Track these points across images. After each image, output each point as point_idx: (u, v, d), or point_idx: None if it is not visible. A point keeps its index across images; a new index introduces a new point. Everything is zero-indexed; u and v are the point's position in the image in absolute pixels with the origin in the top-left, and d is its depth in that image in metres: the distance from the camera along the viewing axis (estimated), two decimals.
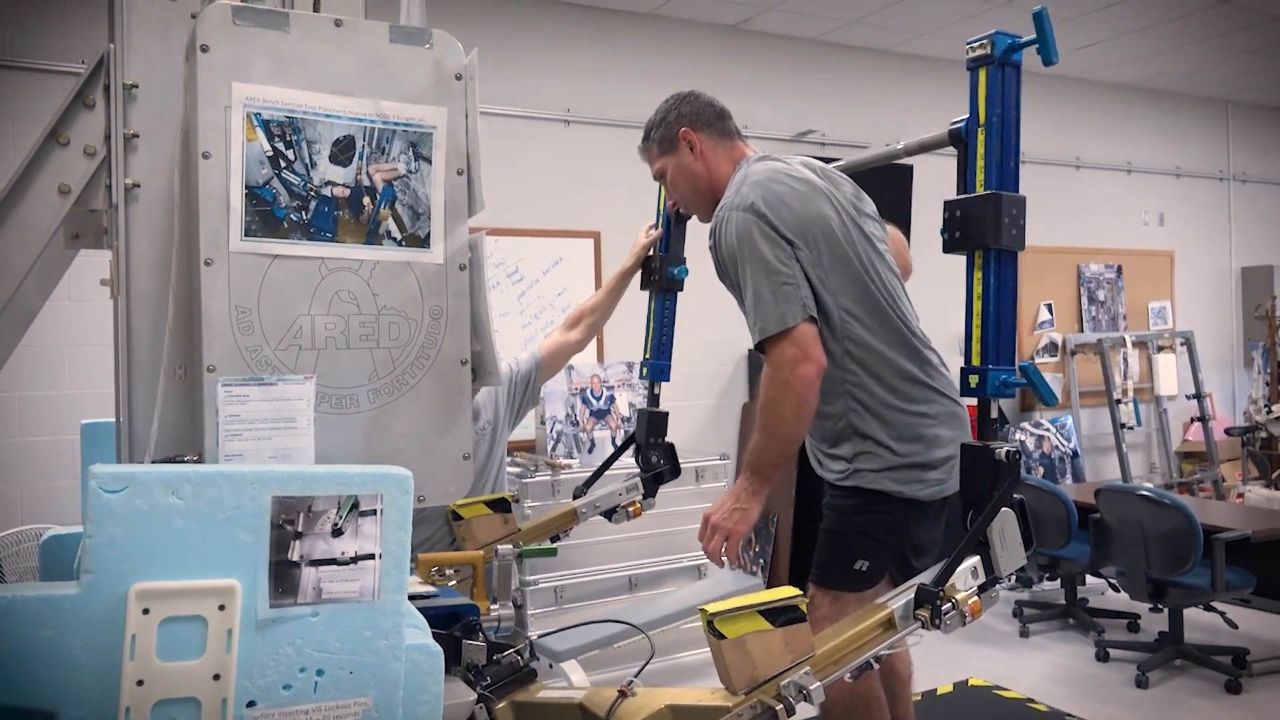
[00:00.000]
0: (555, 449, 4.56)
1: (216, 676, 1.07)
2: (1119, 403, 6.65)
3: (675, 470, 2.64)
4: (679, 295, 2.75)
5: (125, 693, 1.04)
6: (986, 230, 1.69)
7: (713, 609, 1.42)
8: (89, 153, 1.46)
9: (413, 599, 1.43)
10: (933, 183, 5.56)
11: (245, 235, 1.36)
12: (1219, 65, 6.79)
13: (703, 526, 2.11)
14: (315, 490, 1.14)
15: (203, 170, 1.34)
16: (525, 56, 5.08)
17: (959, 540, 1.67)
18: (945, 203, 1.75)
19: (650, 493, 2.61)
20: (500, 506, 2.36)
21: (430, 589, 1.71)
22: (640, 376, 2.77)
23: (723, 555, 2.10)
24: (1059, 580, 5.01)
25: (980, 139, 1.72)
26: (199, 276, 1.34)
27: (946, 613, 1.60)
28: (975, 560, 1.65)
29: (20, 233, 1.45)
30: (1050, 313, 6.82)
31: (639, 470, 2.64)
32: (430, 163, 1.47)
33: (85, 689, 1.05)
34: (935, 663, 4.18)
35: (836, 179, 2.28)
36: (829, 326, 2.11)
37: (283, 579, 1.12)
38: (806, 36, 5.84)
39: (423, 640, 1.22)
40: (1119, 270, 7.14)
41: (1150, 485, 4.76)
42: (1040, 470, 6.31)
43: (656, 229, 2.73)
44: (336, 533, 1.14)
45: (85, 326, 3.88)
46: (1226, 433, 6.87)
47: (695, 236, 2.60)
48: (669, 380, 2.73)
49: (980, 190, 1.71)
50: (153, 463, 1.34)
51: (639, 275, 2.78)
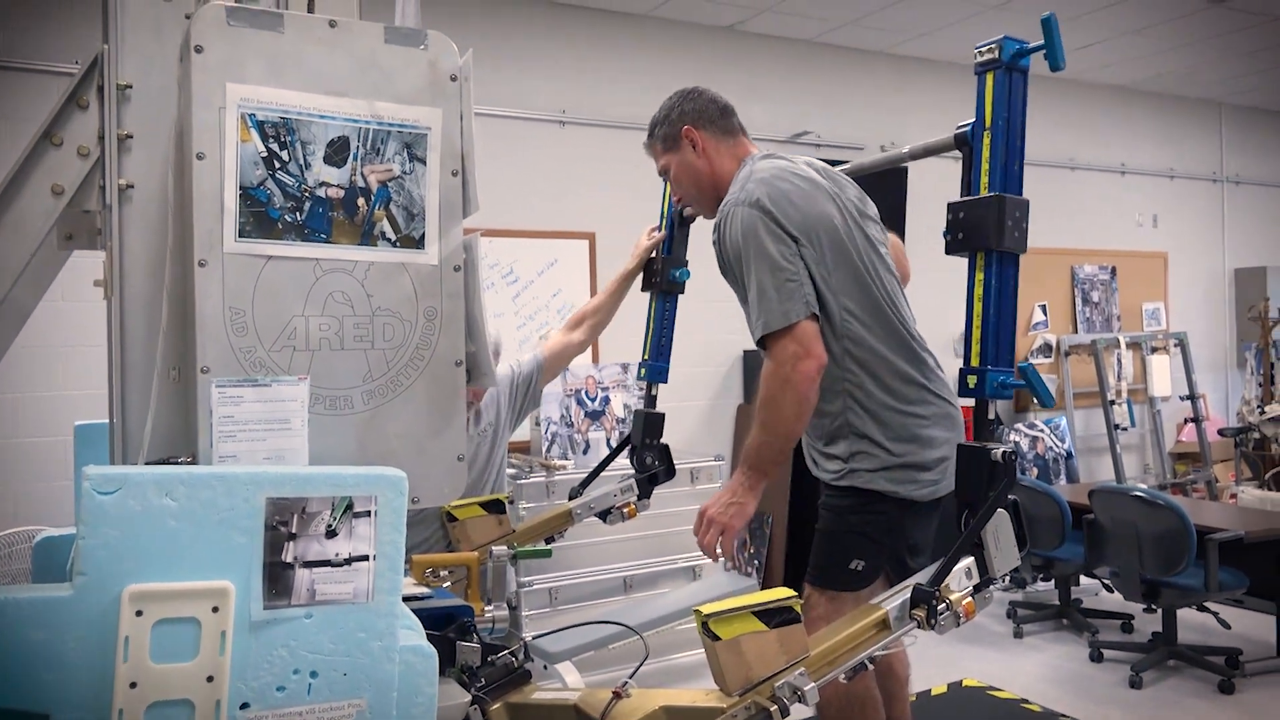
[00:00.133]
0: (550, 450, 4.56)
1: (210, 678, 1.07)
2: (1113, 404, 6.67)
3: (670, 471, 2.64)
4: (679, 297, 2.75)
5: (118, 695, 1.04)
6: (989, 232, 1.69)
7: (707, 610, 1.42)
8: (83, 153, 1.46)
9: (407, 600, 1.43)
10: (930, 185, 5.58)
11: (239, 236, 1.36)
12: (1213, 68, 6.82)
13: (698, 521, 2.11)
14: (309, 491, 1.14)
15: (197, 171, 1.34)
16: (521, 57, 5.08)
17: (953, 540, 1.67)
18: (949, 204, 1.75)
19: (645, 494, 2.61)
20: (495, 508, 2.36)
21: (425, 590, 1.71)
22: (638, 377, 2.77)
23: (718, 550, 2.10)
24: (1053, 581, 5.02)
25: (986, 142, 1.73)
26: (193, 277, 1.34)
27: (941, 613, 1.61)
28: (970, 561, 1.66)
29: (13, 233, 1.45)
30: (1045, 314, 6.84)
31: (634, 471, 2.64)
32: (425, 164, 1.47)
33: (78, 691, 1.05)
34: (929, 663, 4.19)
35: (840, 181, 2.29)
36: (829, 325, 2.11)
37: (277, 580, 1.12)
38: (802, 38, 5.84)
39: (417, 642, 1.22)
40: (1113, 271, 7.16)
41: (1144, 486, 4.77)
42: (1034, 471, 6.32)
43: (660, 231, 2.73)
44: (330, 534, 1.14)
45: (79, 328, 3.87)
46: (1220, 434, 6.89)
47: (698, 240, 2.60)
48: (666, 382, 2.73)
49: (984, 193, 1.71)
50: (146, 464, 1.34)
51: (640, 277, 2.78)
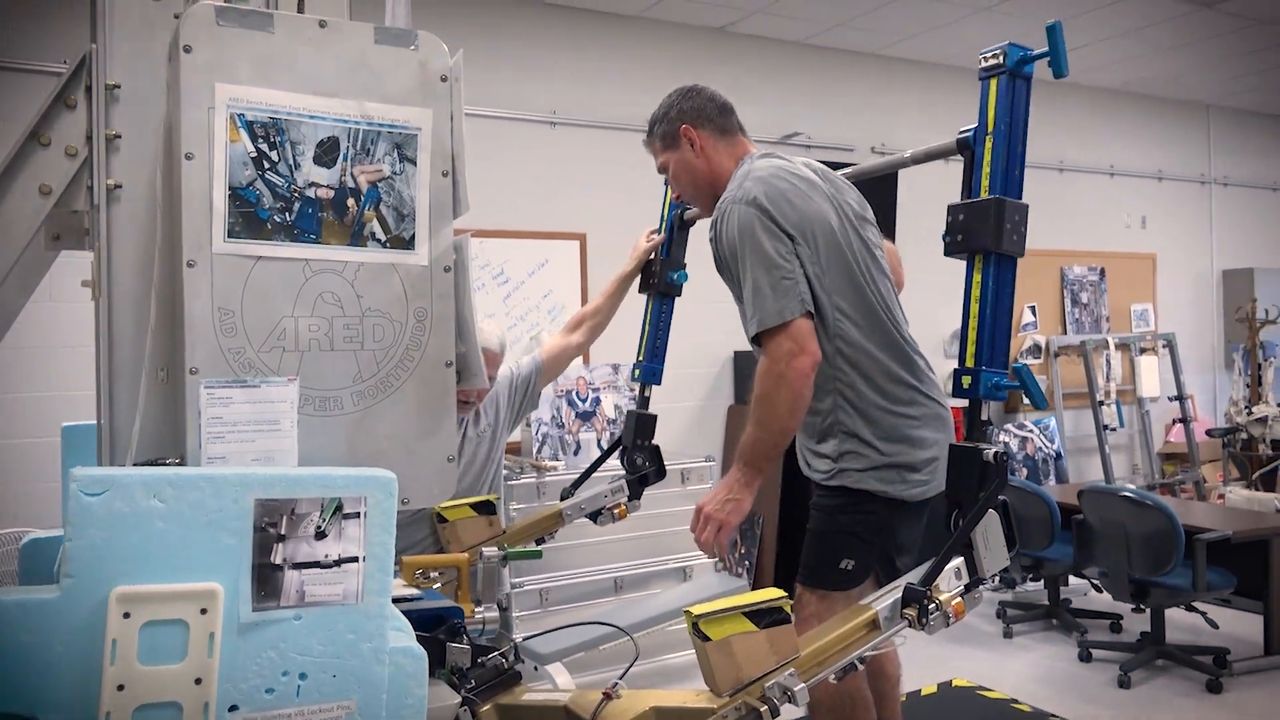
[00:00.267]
0: (540, 451, 4.56)
1: (198, 680, 1.07)
2: (1102, 404, 6.70)
3: (660, 472, 2.64)
4: (675, 300, 2.77)
5: (106, 697, 1.03)
6: (988, 234, 1.70)
7: (698, 611, 1.43)
8: (70, 153, 1.45)
9: (397, 602, 1.43)
10: (923, 188, 5.59)
11: (228, 237, 1.35)
12: (1201, 70, 6.85)
13: (695, 517, 2.11)
14: (298, 493, 1.14)
15: (185, 171, 1.33)
16: (512, 58, 5.07)
17: (941, 540, 1.67)
18: (949, 207, 1.77)
19: (635, 495, 2.61)
20: (485, 509, 2.36)
21: (415, 592, 1.71)
22: (633, 378, 2.78)
23: (714, 546, 2.10)
24: (1042, 581, 5.04)
25: (988, 146, 1.75)
26: (181, 278, 1.33)
27: (931, 613, 1.61)
28: (959, 561, 1.66)
29: (1, 234, 1.44)
30: (1034, 315, 6.86)
31: (624, 472, 2.64)
32: (415, 164, 1.47)
33: (65, 694, 1.05)
34: (919, 663, 4.20)
35: (839, 183, 2.30)
36: (822, 323, 2.12)
37: (266, 582, 1.12)
38: (793, 39, 5.85)
39: (407, 643, 1.22)
40: (1102, 273, 7.19)
41: (1132, 486, 4.79)
42: (1024, 471, 6.34)
43: (659, 234, 2.74)
44: (320, 535, 1.14)
45: (66, 328, 3.84)
46: (1208, 434, 6.92)
47: (696, 243, 2.60)
48: (660, 384, 2.74)
49: (984, 196, 1.73)
50: (134, 465, 1.33)
51: (637, 279, 2.79)
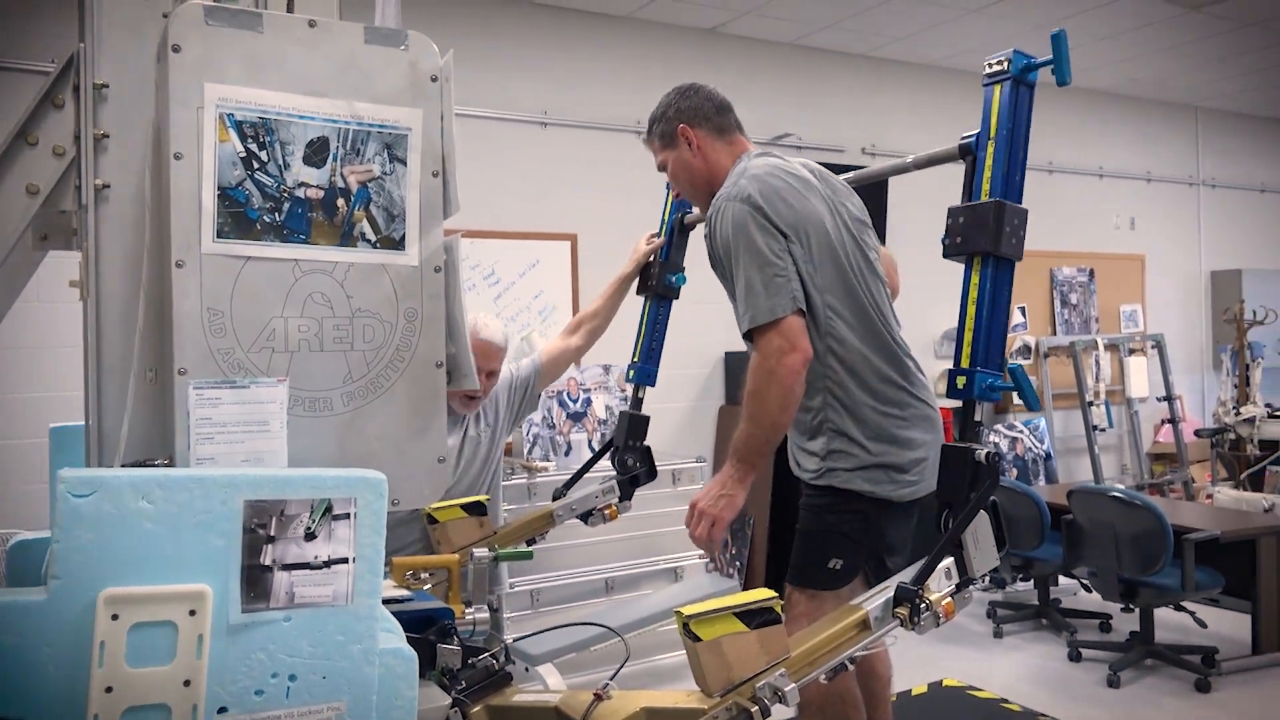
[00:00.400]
0: (531, 452, 4.55)
1: (187, 682, 1.06)
2: (1091, 405, 6.72)
3: (651, 473, 2.64)
4: (672, 302, 2.78)
5: (94, 700, 1.03)
6: (987, 236, 1.71)
7: (688, 611, 1.42)
8: (58, 153, 1.45)
9: (387, 603, 1.42)
10: (915, 192, 5.61)
11: (217, 237, 1.35)
12: (1189, 72, 6.89)
13: (689, 513, 2.13)
14: (288, 494, 1.13)
15: (174, 171, 1.33)
16: (503, 58, 5.07)
17: (931, 540, 1.68)
18: (950, 210, 1.78)
19: (626, 495, 2.62)
20: (476, 509, 2.35)
21: (405, 593, 1.70)
22: (627, 379, 2.79)
23: (708, 541, 2.12)
24: (1032, 581, 5.06)
25: (989, 151, 1.76)
26: (170, 278, 1.33)
27: (922, 613, 1.61)
28: (949, 561, 1.67)
29: None
30: (1023, 315, 6.88)
31: (615, 473, 2.64)
32: (405, 164, 1.47)
33: (53, 696, 1.04)
34: (910, 663, 4.21)
35: (835, 185, 2.31)
36: (814, 321, 2.13)
37: (255, 584, 1.11)
38: (783, 40, 5.86)
39: (397, 644, 1.22)
40: (1091, 274, 7.22)
41: (1121, 487, 4.81)
42: (1014, 472, 6.36)
43: (659, 237, 2.75)
44: (309, 537, 1.14)
45: (54, 328, 3.83)
46: (1196, 434, 6.96)
47: (695, 246, 2.62)
48: (654, 385, 2.75)
49: (985, 200, 1.74)
50: (122, 466, 1.33)
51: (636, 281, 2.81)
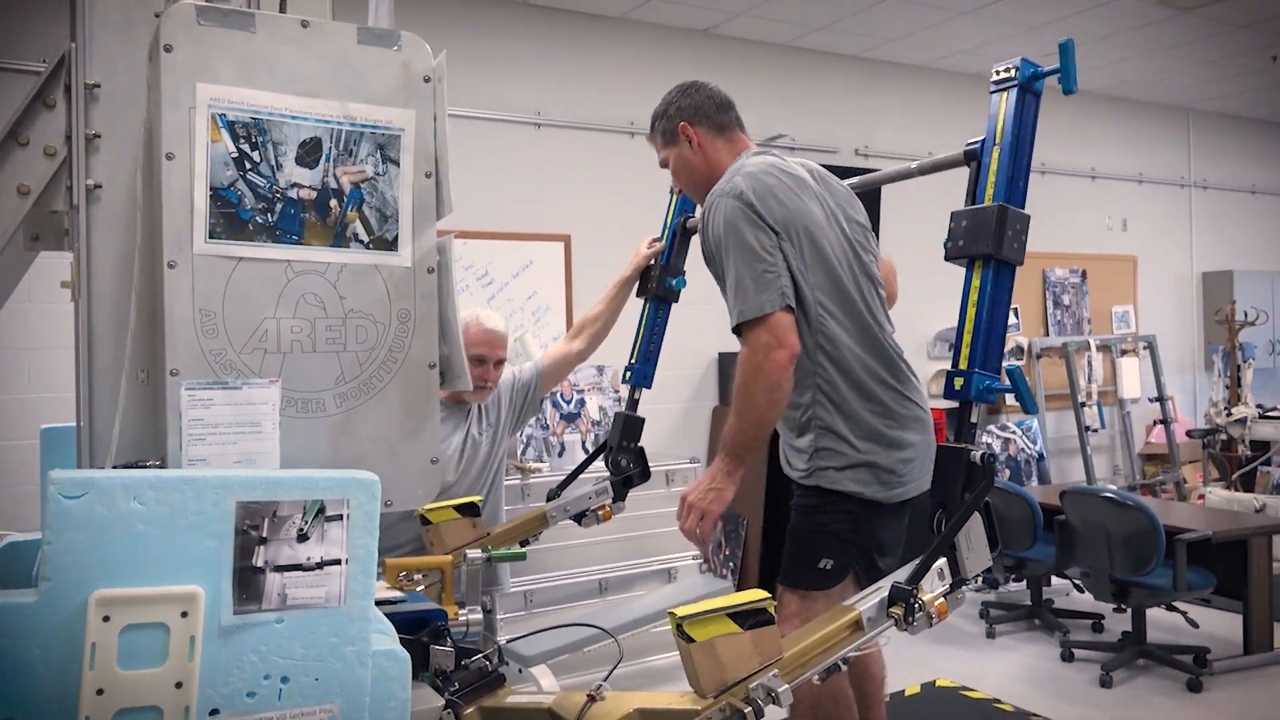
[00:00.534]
0: (525, 453, 4.55)
1: (179, 684, 1.06)
2: (1083, 405, 6.74)
3: (645, 474, 2.65)
4: (672, 306, 2.79)
5: (85, 702, 1.02)
6: (989, 239, 1.72)
7: (682, 612, 1.42)
8: (49, 153, 1.44)
9: (380, 604, 1.42)
10: (907, 194, 5.61)
11: (210, 237, 1.34)
12: (1180, 74, 6.91)
13: (680, 507, 2.15)
14: (280, 495, 1.13)
15: (166, 171, 1.32)
16: (496, 59, 5.07)
17: (923, 540, 1.68)
18: (953, 213, 1.80)
19: (619, 496, 2.62)
20: (469, 511, 2.35)
21: (398, 594, 1.70)
22: (623, 380, 2.79)
23: (698, 534, 2.13)
24: (1025, 581, 5.07)
25: (994, 156, 1.78)
26: (162, 279, 1.32)
27: (915, 613, 1.62)
28: (942, 562, 1.67)
29: None
30: (1016, 317, 6.90)
31: (609, 474, 2.64)
32: (398, 165, 1.46)
33: (44, 699, 1.03)
34: (903, 664, 4.21)
35: (835, 188, 2.32)
36: (805, 317, 2.14)
37: (247, 585, 1.11)
38: (777, 41, 5.87)
39: (389, 646, 1.21)
40: (1083, 275, 7.24)
41: (1114, 487, 4.82)
42: (1006, 473, 6.38)
43: (660, 241, 2.76)
44: (302, 538, 1.13)
45: (45, 329, 3.81)
46: (1188, 435, 6.98)
47: (696, 251, 2.62)
48: (650, 387, 2.76)
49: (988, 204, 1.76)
50: (114, 468, 1.32)
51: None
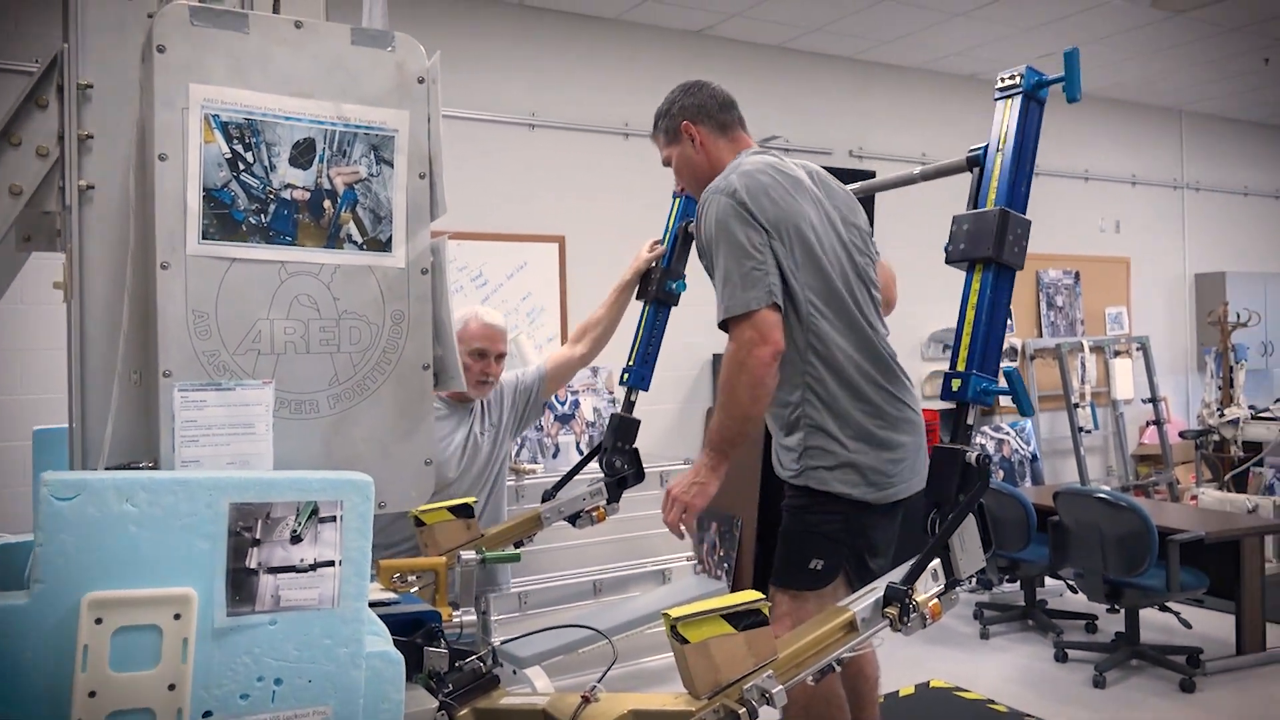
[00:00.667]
0: (519, 454, 4.54)
1: (172, 687, 1.06)
2: (1077, 406, 6.76)
3: (639, 475, 2.65)
4: (671, 309, 2.79)
5: (77, 704, 1.02)
6: (990, 242, 1.73)
7: (676, 613, 1.42)
8: (41, 154, 1.44)
9: (373, 606, 1.42)
10: (902, 195, 5.61)
11: (203, 238, 1.34)
12: (1173, 76, 6.94)
13: (664, 500, 2.17)
14: (274, 496, 1.13)
15: (159, 172, 1.32)
16: (490, 60, 5.06)
17: (916, 541, 1.69)
18: (954, 218, 1.81)
19: (614, 498, 2.61)
20: (463, 512, 2.34)
21: (391, 595, 1.70)
22: (620, 382, 2.79)
23: (682, 528, 2.16)
24: (1018, 582, 5.07)
25: (997, 161, 1.79)
26: (155, 280, 1.32)
27: (909, 614, 1.62)
28: (936, 562, 1.67)
29: None
30: (1010, 318, 6.92)
31: (603, 475, 2.64)
32: (392, 166, 1.46)
33: (35, 701, 1.03)
34: (897, 664, 4.22)
35: (833, 189, 2.33)
36: (795, 316, 2.15)
37: (240, 587, 1.11)
38: (770, 43, 5.88)
39: (383, 647, 1.21)
40: (1076, 276, 7.26)
41: (1107, 488, 4.84)
42: (1000, 473, 6.39)
43: (661, 244, 2.76)
44: (295, 539, 1.13)
45: (38, 331, 3.80)
46: (1181, 436, 7.00)
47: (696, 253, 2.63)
48: (648, 389, 2.76)
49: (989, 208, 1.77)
50: (106, 469, 1.32)
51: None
